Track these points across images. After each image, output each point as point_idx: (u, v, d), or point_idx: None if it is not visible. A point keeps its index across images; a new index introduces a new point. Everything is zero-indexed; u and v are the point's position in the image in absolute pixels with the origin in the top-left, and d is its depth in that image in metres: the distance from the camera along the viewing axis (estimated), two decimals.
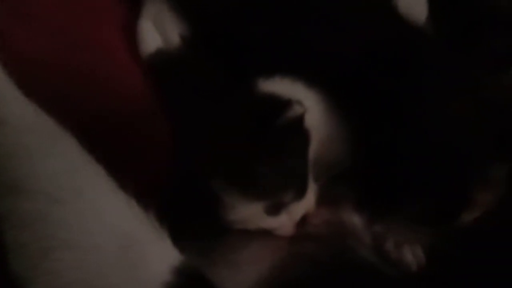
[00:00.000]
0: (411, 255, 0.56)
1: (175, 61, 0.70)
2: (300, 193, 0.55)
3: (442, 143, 0.55)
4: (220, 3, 0.67)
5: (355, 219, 0.59)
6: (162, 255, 0.52)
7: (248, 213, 0.53)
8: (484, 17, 0.70)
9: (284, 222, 0.55)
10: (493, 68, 0.67)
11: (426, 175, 0.55)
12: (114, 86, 0.73)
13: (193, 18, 0.69)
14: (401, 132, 0.56)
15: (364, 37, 0.61)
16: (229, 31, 0.65)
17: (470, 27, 0.71)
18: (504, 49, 0.69)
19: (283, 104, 0.53)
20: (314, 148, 0.59)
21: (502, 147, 0.55)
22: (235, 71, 0.64)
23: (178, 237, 0.56)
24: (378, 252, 0.57)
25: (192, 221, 0.58)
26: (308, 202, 0.57)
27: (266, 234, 0.57)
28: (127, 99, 0.72)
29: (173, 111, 0.69)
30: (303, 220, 0.58)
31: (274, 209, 0.54)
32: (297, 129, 0.54)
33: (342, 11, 0.63)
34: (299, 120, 0.54)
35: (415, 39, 0.61)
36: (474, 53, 0.70)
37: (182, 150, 0.63)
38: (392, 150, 0.56)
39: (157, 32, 0.71)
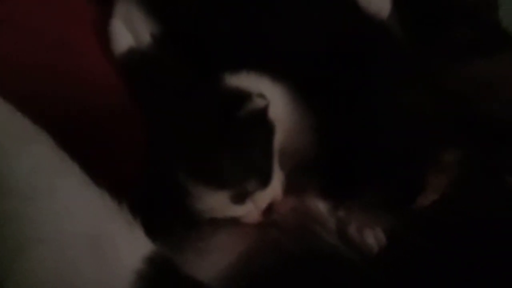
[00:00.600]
0: (373, 238, 0.58)
1: (146, 59, 0.72)
2: (264, 182, 0.57)
3: (397, 131, 0.58)
4: (187, 1, 0.69)
5: (320, 206, 0.62)
6: (133, 245, 0.55)
7: (214, 202, 0.55)
8: (446, 8, 0.72)
9: (250, 210, 0.58)
10: (455, 58, 0.70)
11: (383, 161, 0.57)
12: (88, 85, 0.75)
13: (162, 16, 0.71)
14: (359, 121, 0.59)
15: (324, 32, 0.64)
16: (197, 28, 0.68)
17: (432, 18, 0.74)
18: (465, 40, 0.71)
19: (244, 97, 0.55)
20: (279, 139, 0.61)
21: (455, 133, 0.58)
22: (204, 67, 0.66)
23: (151, 228, 0.58)
24: (342, 237, 0.60)
25: (164, 212, 0.61)
26: (274, 190, 0.59)
27: (234, 222, 0.59)
28: (101, 97, 0.74)
29: (145, 107, 0.71)
30: (270, 208, 0.60)
31: (239, 198, 0.57)
32: (260, 120, 0.57)
33: (303, 6, 0.65)
34: (262, 112, 0.57)
35: (373, 33, 0.64)
36: (436, 44, 0.73)
37: (154, 144, 0.65)
38: (352, 139, 0.59)
39: (128, 31, 0.73)
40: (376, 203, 0.59)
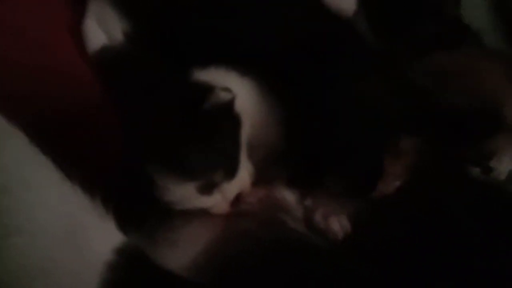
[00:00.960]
0: (338, 225, 0.61)
1: (119, 57, 0.73)
2: (231, 173, 0.59)
3: (356, 121, 0.60)
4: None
5: (287, 196, 0.64)
6: (104, 237, 0.56)
7: (182, 194, 0.57)
8: (410, 4, 0.74)
9: (218, 201, 0.60)
10: (419, 52, 0.72)
11: (342, 149, 0.59)
12: (65, 83, 0.76)
13: (133, 14, 0.73)
14: (321, 113, 0.61)
15: (289, 27, 0.66)
16: (167, 25, 0.69)
17: (397, 14, 0.76)
18: (428, 34, 0.73)
19: (208, 91, 0.57)
20: (247, 131, 0.63)
21: (413, 122, 0.60)
22: (175, 63, 0.68)
23: (124, 220, 0.60)
24: (309, 225, 0.62)
25: (137, 204, 0.62)
26: (241, 181, 0.61)
27: (204, 213, 0.61)
28: (78, 95, 0.76)
29: (119, 103, 0.73)
30: (239, 199, 0.62)
31: (207, 189, 0.58)
32: (225, 113, 0.58)
33: (269, 2, 0.67)
34: (227, 105, 0.58)
35: (336, 28, 0.66)
36: (401, 38, 0.75)
37: (126, 138, 0.67)
38: (315, 130, 0.61)
39: (101, 30, 0.75)
40: (341, 191, 0.61)
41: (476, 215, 0.62)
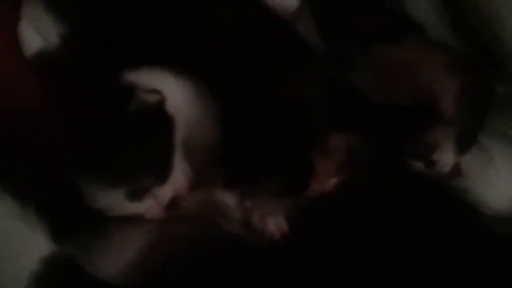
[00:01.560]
0: (274, 225, 0.59)
1: (55, 60, 0.72)
2: (162, 177, 0.58)
3: (286, 119, 0.59)
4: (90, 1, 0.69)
5: (226, 198, 0.63)
6: (31, 246, 0.55)
7: (108, 201, 0.56)
8: None
9: (150, 207, 0.58)
10: (363, 46, 0.70)
11: (272, 149, 0.58)
12: (5, 89, 0.75)
13: (67, 17, 0.71)
14: (255, 112, 0.60)
15: (224, 26, 0.64)
16: (102, 26, 0.68)
17: (339, 8, 0.74)
18: (371, 27, 0.72)
19: (133, 93, 0.55)
20: (182, 133, 0.62)
21: (341, 119, 0.59)
22: (110, 65, 0.66)
23: (58, 230, 0.58)
24: (247, 226, 0.61)
25: (71, 213, 0.61)
26: (176, 184, 0.60)
27: (138, 218, 0.59)
28: (16, 99, 0.74)
29: (58, 107, 0.71)
30: (175, 202, 0.61)
31: (136, 195, 0.57)
32: (153, 115, 0.57)
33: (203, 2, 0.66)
34: (154, 107, 0.57)
35: (270, 26, 0.64)
36: (345, 33, 0.73)
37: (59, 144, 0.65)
38: (248, 130, 0.60)
39: (37, 33, 0.73)
40: (275, 191, 0.60)
41: (415, 210, 0.61)
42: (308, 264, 0.57)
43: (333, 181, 0.60)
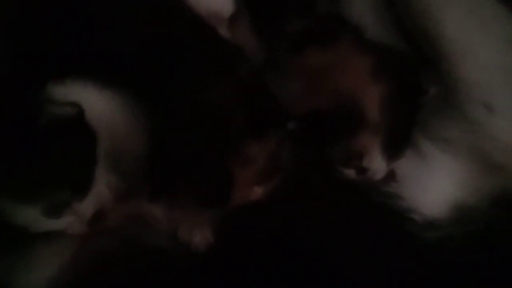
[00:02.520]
0: (200, 238, 0.59)
1: None
2: (81, 191, 0.57)
3: (201, 129, 0.58)
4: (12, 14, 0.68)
5: (154, 210, 0.62)
6: None
7: (26, 217, 0.55)
8: (279, 2, 0.72)
9: (70, 222, 0.57)
10: (294, 49, 0.70)
11: (191, 161, 0.57)
12: None
13: None
14: (173, 122, 0.59)
15: (145, 34, 0.64)
16: (25, 39, 0.67)
17: (271, 12, 0.74)
18: (301, 31, 0.71)
19: (47, 107, 0.55)
20: (108, 145, 0.61)
21: (255, 126, 0.58)
22: (33, 78, 0.65)
23: None
24: (173, 238, 0.60)
25: None
26: (98, 198, 0.59)
27: (61, 234, 0.59)
28: None
29: None
30: (100, 216, 0.60)
31: (54, 211, 0.56)
32: (70, 128, 0.56)
33: (124, 10, 0.65)
34: (72, 120, 0.56)
35: (192, 33, 0.64)
36: (277, 37, 0.73)
37: None
38: (168, 141, 0.59)
39: None
40: (199, 203, 0.59)
41: (342, 218, 0.60)
42: (233, 275, 0.57)
43: (258, 190, 0.59)
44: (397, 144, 0.63)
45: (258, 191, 0.59)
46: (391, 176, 0.64)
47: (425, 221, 0.59)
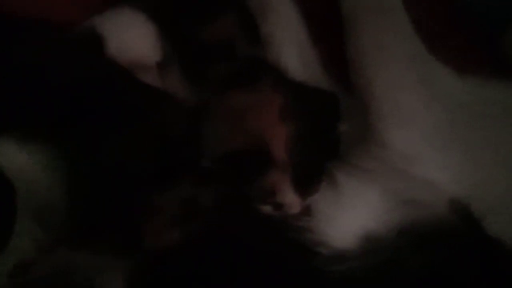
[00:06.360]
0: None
1: None
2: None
3: (113, 176, 0.60)
4: None
5: (77, 259, 0.64)
6: None
7: None
8: (202, 45, 0.75)
9: None
10: (218, 93, 0.72)
11: (99, 211, 0.59)
12: None
13: None
14: (88, 173, 0.61)
15: (61, 86, 0.66)
16: None
17: (196, 56, 0.77)
18: (223, 73, 0.74)
19: None
20: (29, 196, 0.63)
21: (164, 175, 0.61)
22: None
23: None
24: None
25: None
26: (20, 251, 0.61)
27: None
28: None
29: None
30: (22, 269, 0.61)
31: None
32: None
33: (42, 62, 0.67)
34: None
35: (108, 85, 0.66)
36: (201, 77, 0.76)
37: None
38: (85, 192, 0.61)
39: None
40: (110, 252, 0.61)
41: (256, 255, 0.62)
42: None
43: (170, 235, 0.61)
44: (307, 179, 0.65)
45: (171, 236, 0.61)
46: (307, 210, 0.66)
47: (333, 254, 0.61)
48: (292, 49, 0.80)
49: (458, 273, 0.60)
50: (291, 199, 0.65)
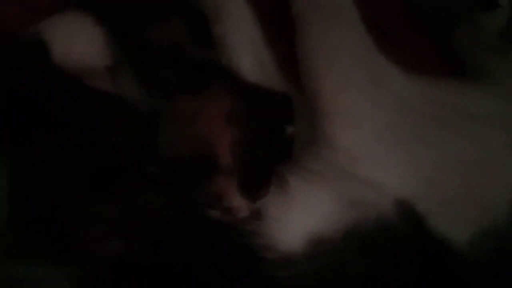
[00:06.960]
0: None
1: None
2: None
3: (54, 184, 0.59)
4: None
5: (24, 271, 0.63)
6: None
7: None
8: (149, 50, 0.74)
9: None
10: (167, 98, 0.72)
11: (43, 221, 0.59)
12: None
13: None
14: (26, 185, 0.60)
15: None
16: None
17: (144, 61, 0.76)
18: (171, 78, 0.73)
19: None
20: None
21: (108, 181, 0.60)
22: None
23: None
24: None
25: None
26: None
27: None
28: None
29: None
30: None
31: None
32: None
33: None
34: None
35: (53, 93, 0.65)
36: (152, 81, 0.75)
37: None
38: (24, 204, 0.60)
39: None
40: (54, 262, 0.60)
41: (204, 260, 0.61)
42: None
43: (113, 242, 0.60)
44: (255, 183, 0.65)
45: (117, 243, 0.60)
46: (257, 214, 0.66)
47: (279, 258, 0.60)
48: (246, 51, 0.79)
49: (402, 275, 0.60)
50: (238, 203, 0.64)
